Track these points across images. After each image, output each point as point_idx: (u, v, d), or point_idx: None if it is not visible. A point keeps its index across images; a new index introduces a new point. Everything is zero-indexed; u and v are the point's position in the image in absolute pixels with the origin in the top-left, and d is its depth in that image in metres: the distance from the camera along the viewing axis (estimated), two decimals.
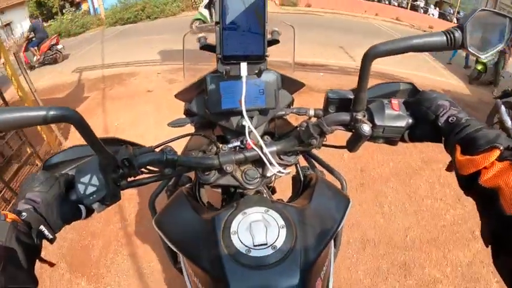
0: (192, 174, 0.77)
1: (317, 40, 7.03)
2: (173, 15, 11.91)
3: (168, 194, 0.80)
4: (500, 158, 0.41)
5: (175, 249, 0.56)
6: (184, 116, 0.77)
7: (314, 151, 0.76)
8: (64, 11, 12.48)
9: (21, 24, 16.03)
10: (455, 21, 13.67)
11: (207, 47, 0.68)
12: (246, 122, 0.58)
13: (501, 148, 0.41)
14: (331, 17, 12.03)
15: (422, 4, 14.81)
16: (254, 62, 0.54)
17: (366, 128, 0.53)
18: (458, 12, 14.16)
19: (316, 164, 0.84)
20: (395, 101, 0.57)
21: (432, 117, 0.53)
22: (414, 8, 14.54)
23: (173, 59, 5.28)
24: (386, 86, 0.64)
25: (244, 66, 0.53)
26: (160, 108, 3.60)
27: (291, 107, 0.77)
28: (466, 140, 0.47)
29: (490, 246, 0.41)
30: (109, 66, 5.72)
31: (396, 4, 14.61)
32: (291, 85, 0.74)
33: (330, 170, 0.81)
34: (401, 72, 5.34)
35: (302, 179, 0.76)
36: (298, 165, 0.78)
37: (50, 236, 0.48)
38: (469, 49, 0.48)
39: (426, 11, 14.44)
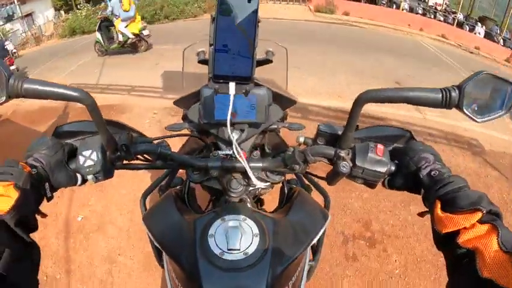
0: (184, 177, 0.80)
1: (368, 70, 5.71)
2: (194, 17, 10.86)
3: (160, 194, 0.83)
4: (481, 221, 0.42)
5: (158, 246, 0.58)
6: (181, 121, 0.84)
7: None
8: (78, 6, 11.67)
9: (44, 14, 15.52)
10: (502, 43, 12.46)
11: (204, 62, 0.80)
12: (233, 139, 0.62)
13: (484, 211, 0.42)
14: (373, 30, 10.68)
15: (461, 17, 13.72)
16: (242, 82, 0.57)
17: (344, 166, 0.56)
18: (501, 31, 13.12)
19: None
20: (380, 146, 0.58)
21: (414, 168, 0.54)
22: (460, 24, 13.24)
23: (178, 89, 4.09)
24: (383, 129, 0.66)
25: (232, 85, 0.57)
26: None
27: (284, 121, 0.84)
28: (447, 197, 0.47)
29: None
30: (103, 89, 4.68)
31: (442, 19, 13.25)
32: (283, 101, 0.77)
33: (317, 187, 0.86)
34: (469, 129, 3.97)
35: (286, 192, 0.80)
36: (284, 179, 0.81)
37: (49, 195, 0.54)
38: (464, 111, 0.48)
39: (472, 29, 13.14)
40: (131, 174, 2.81)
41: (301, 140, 0.71)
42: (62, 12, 15.39)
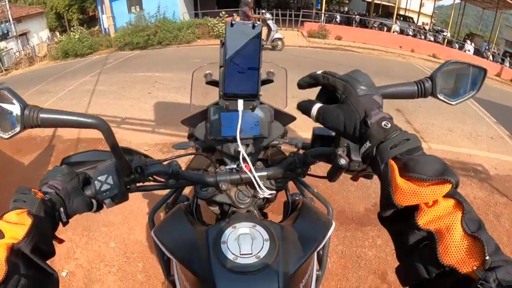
0: (190, 195, 0.88)
1: None
2: (187, 43, 10.84)
3: (167, 211, 0.91)
4: (445, 194, 0.35)
5: (170, 256, 0.61)
6: (187, 140, 0.92)
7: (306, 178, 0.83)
8: (72, 28, 11.62)
9: (39, 34, 15.42)
10: (491, 59, 12.76)
11: (211, 83, 0.82)
12: (241, 149, 0.64)
13: (453, 182, 0.35)
14: (367, 54, 10.77)
15: (448, 34, 14.38)
16: (249, 99, 0.62)
17: (343, 161, 0.58)
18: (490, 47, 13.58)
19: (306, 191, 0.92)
20: None
21: (362, 114, 0.44)
22: (449, 42, 13.64)
23: (172, 122, 3.87)
24: None
25: (240, 102, 0.61)
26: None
27: (285, 137, 0.89)
28: (405, 160, 0.38)
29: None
30: None
31: (432, 39, 13.57)
32: (283, 118, 0.83)
33: (317, 197, 0.89)
34: (473, 155, 3.98)
35: (290, 203, 0.87)
36: (288, 192, 0.91)
37: (65, 219, 0.54)
38: (439, 96, 0.53)
39: (461, 47, 13.49)
40: (122, 223, 2.62)
41: (300, 144, 0.76)
42: (57, 33, 15.33)
